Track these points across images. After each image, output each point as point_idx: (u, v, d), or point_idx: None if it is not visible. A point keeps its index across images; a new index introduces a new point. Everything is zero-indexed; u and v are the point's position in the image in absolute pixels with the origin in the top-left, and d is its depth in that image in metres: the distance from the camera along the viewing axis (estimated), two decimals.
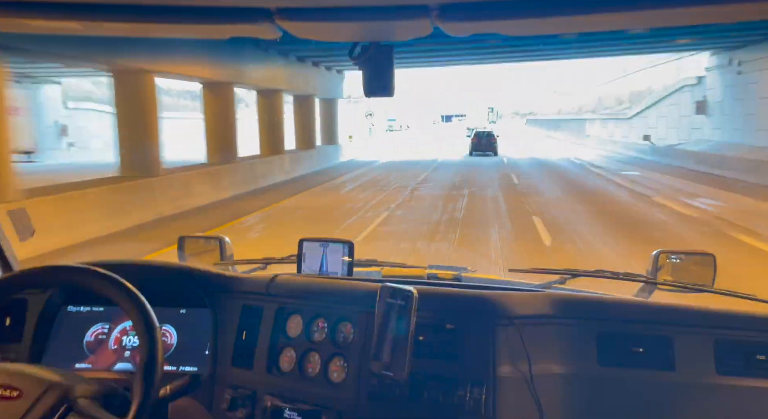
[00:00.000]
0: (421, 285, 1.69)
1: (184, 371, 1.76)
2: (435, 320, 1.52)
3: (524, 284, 1.93)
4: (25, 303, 1.82)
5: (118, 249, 8.87)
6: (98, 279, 1.31)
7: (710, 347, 1.48)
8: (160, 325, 1.27)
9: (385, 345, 1.40)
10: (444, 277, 2.00)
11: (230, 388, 1.67)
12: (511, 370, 1.45)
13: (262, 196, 15.51)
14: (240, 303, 1.77)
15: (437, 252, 8.61)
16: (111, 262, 1.79)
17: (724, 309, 1.54)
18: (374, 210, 12.60)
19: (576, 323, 1.54)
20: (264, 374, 1.66)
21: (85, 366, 1.76)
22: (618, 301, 1.61)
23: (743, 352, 1.46)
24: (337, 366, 1.60)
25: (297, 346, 1.67)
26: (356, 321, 1.61)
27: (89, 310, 1.84)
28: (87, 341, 1.80)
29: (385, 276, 1.89)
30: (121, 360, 1.78)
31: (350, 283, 1.73)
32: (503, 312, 1.50)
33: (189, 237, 2.31)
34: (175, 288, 1.82)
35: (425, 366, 1.47)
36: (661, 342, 1.50)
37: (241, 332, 1.74)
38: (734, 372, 1.45)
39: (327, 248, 1.94)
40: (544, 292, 1.68)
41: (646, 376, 1.47)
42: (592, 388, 1.48)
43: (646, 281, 1.92)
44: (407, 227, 10.58)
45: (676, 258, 1.97)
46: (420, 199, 14.52)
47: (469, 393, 1.41)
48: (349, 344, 1.60)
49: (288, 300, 1.73)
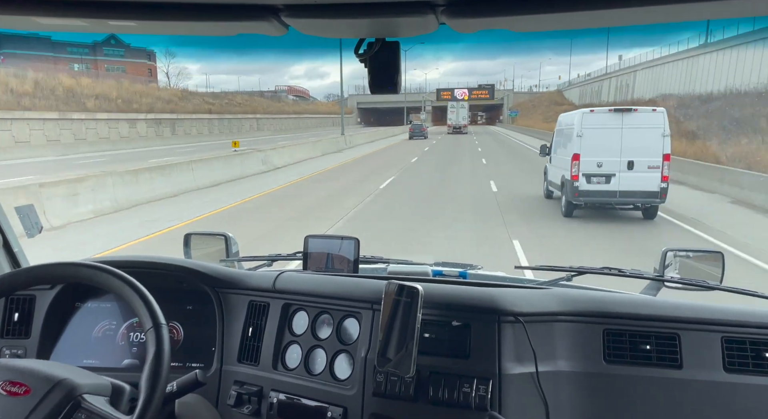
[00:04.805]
0: (427, 281, 1.69)
1: (190, 367, 1.76)
2: (441, 317, 1.52)
3: (530, 281, 1.93)
4: (33, 300, 1.83)
5: None
6: (105, 275, 1.31)
7: (718, 345, 1.47)
8: (167, 322, 1.28)
9: (391, 342, 1.40)
10: (449, 274, 1.99)
11: (236, 384, 1.68)
12: (517, 367, 1.45)
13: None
14: (246, 300, 1.78)
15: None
16: (118, 259, 1.80)
17: (732, 307, 1.53)
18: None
19: (582, 320, 1.53)
20: (270, 370, 1.67)
21: (92, 362, 1.77)
22: (625, 299, 1.60)
23: (751, 350, 1.45)
24: (342, 363, 1.60)
25: (303, 343, 1.67)
26: (362, 317, 1.61)
27: (97, 306, 1.85)
28: (94, 337, 1.81)
29: (390, 273, 1.89)
30: (129, 356, 1.78)
31: (356, 280, 1.73)
32: (509, 309, 1.49)
33: (195, 233, 2.32)
34: (182, 284, 1.82)
35: (431, 363, 1.47)
36: (668, 339, 1.49)
37: (247, 328, 1.74)
38: (742, 370, 1.44)
39: (332, 245, 1.94)
40: (551, 289, 1.67)
41: (653, 374, 1.46)
42: (598, 386, 1.47)
43: (653, 278, 1.91)
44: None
45: (684, 255, 1.96)
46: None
47: (475, 390, 1.41)
48: (355, 341, 1.60)
49: (294, 296, 1.73)
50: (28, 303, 1.83)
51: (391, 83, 1.32)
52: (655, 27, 17.15)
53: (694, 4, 0.94)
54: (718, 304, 1.57)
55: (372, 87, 1.34)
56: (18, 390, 1.15)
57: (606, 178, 10.88)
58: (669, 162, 10.64)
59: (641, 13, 0.99)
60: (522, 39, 18.96)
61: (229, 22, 1.08)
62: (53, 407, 1.14)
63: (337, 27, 1.14)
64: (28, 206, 2.18)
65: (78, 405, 1.16)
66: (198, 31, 1.17)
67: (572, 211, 11.52)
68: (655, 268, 1.97)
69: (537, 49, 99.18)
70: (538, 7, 0.97)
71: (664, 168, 10.59)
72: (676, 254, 1.96)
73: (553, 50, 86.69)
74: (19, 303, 1.83)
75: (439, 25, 1.10)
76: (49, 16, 1.07)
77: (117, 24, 1.12)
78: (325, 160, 26.93)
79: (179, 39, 5.74)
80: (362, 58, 1.28)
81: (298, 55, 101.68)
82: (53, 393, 1.15)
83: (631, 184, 10.72)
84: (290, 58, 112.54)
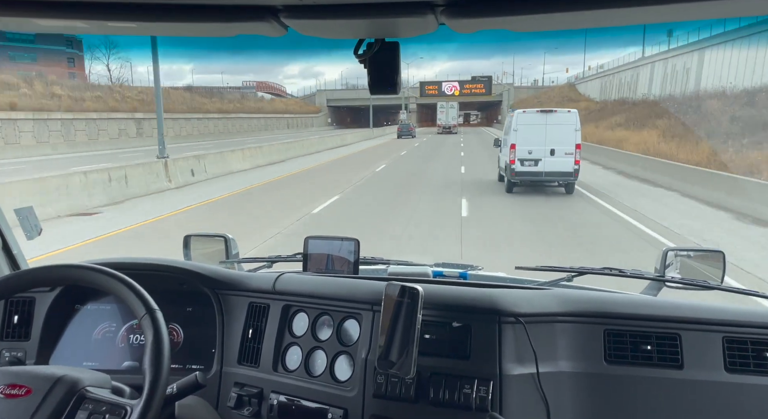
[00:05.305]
0: (427, 282, 1.69)
1: (190, 369, 1.76)
2: (441, 318, 1.52)
3: (531, 281, 1.92)
4: (33, 302, 1.83)
5: None
6: (102, 276, 1.31)
7: (719, 345, 1.46)
8: (167, 323, 1.28)
9: (392, 343, 1.40)
10: (450, 275, 1.99)
11: (237, 386, 1.67)
12: (518, 368, 1.45)
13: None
14: (246, 302, 1.77)
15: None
16: (118, 261, 1.80)
17: (733, 307, 1.52)
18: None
19: (583, 321, 1.53)
20: (270, 372, 1.66)
21: (92, 364, 1.77)
22: (625, 299, 1.60)
23: (752, 350, 1.45)
24: (343, 364, 1.60)
25: (303, 344, 1.67)
26: (362, 319, 1.61)
27: (96, 308, 1.85)
28: (94, 339, 1.81)
29: (390, 274, 1.89)
30: (129, 358, 1.78)
31: (356, 281, 1.73)
32: (510, 309, 1.49)
33: (194, 235, 2.32)
34: (182, 286, 1.82)
35: (431, 364, 1.47)
36: (669, 339, 1.49)
37: (248, 330, 1.74)
38: (743, 370, 1.44)
39: (333, 246, 1.93)
40: (551, 290, 1.67)
41: (653, 374, 1.46)
42: (599, 386, 1.47)
43: (654, 278, 1.90)
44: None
45: (685, 255, 1.96)
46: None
47: (475, 391, 1.41)
48: (355, 342, 1.60)
49: (294, 298, 1.72)
50: (28, 306, 1.83)
51: (390, 84, 1.31)
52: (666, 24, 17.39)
53: (694, 5, 0.93)
54: (719, 304, 1.57)
55: (372, 88, 1.34)
56: (18, 392, 1.15)
57: (535, 162, 14.41)
58: (579, 150, 14.34)
59: (642, 14, 0.99)
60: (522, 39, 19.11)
61: (228, 23, 1.08)
62: (57, 403, 1.14)
63: (336, 28, 1.14)
64: (28, 208, 2.17)
65: (83, 397, 1.17)
66: (197, 32, 1.17)
67: (512, 188, 15.12)
68: (656, 268, 1.96)
69: (537, 49, 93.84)
70: (538, 7, 0.97)
71: (576, 154, 14.24)
72: (676, 254, 1.96)
73: (553, 50, 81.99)
74: (18, 306, 1.83)
75: (439, 25, 1.10)
76: (48, 18, 1.07)
77: (116, 25, 1.12)
78: (270, 170, 22.14)
79: (169, 38, 5.46)
80: (362, 58, 1.27)
81: (295, 56, 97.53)
82: (55, 390, 1.16)
83: (553, 166, 14.34)
84: (286, 58, 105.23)
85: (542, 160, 14.31)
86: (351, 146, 40.07)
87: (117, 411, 1.16)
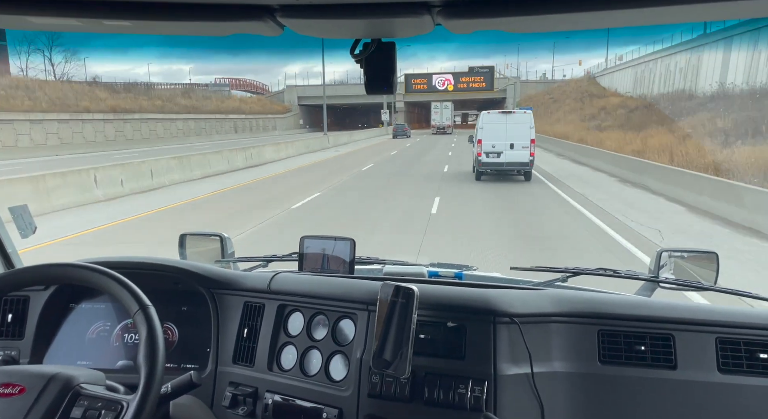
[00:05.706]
0: (423, 282, 1.69)
1: (185, 368, 1.76)
2: (436, 318, 1.52)
3: (526, 282, 1.93)
4: (27, 300, 1.82)
5: None
6: (96, 275, 1.31)
7: (712, 345, 1.47)
8: (162, 322, 1.28)
9: (387, 343, 1.40)
10: (445, 275, 1.99)
11: (231, 386, 1.67)
12: (513, 368, 1.45)
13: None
14: (241, 301, 1.77)
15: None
16: (113, 260, 1.80)
17: (727, 308, 1.53)
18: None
19: (577, 321, 1.53)
20: (265, 371, 1.66)
21: (86, 363, 1.76)
22: (619, 299, 1.61)
23: (745, 351, 1.46)
24: (338, 364, 1.60)
25: (298, 344, 1.67)
26: (357, 318, 1.61)
27: (91, 307, 1.84)
28: (89, 338, 1.80)
29: (386, 274, 1.89)
30: (123, 357, 1.78)
31: (351, 281, 1.73)
32: (505, 310, 1.49)
33: (190, 234, 2.31)
34: (177, 285, 1.82)
35: (426, 364, 1.47)
36: (662, 340, 1.49)
37: (243, 329, 1.74)
38: (736, 370, 1.45)
39: (328, 246, 1.93)
40: (546, 290, 1.67)
41: (647, 375, 1.47)
42: (593, 386, 1.47)
43: (648, 279, 1.91)
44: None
45: (679, 256, 1.97)
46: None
47: (470, 391, 1.41)
48: (350, 342, 1.60)
49: (289, 297, 1.72)
50: (22, 304, 1.82)
51: (386, 84, 1.32)
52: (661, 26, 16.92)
53: (694, 5, 0.93)
54: (712, 305, 1.57)
55: (368, 88, 1.34)
56: (12, 391, 1.14)
57: (497, 154, 17.78)
58: (534, 143, 17.75)
59: (642, 14, 0.99)
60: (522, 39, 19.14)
61: (224, 23, 1.08)
62: (52, 401, 1.14)
63: (332, 27, 1.13)
64: (22, 206, 2.16)
65: (78, 394, 1.17)
66: (193, 31, 1.17)
67: (480, 176, 18.51)
68: (650, 269, 1.97)
69: (542, 44, 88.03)
70: (534, 9, 0.97)
71: (531, 148, 17.60)
72: (670, 255, 1.97)
73: (563, 41, 74.70)
74: (13, 304, 1.82)
75: (435, 25, 1.10)
76: (42, 16, 1.07)
77: (111, 24, 1.11)
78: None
79: (167, 37, 5.09)
80: (358, 58, 1.27)
81: (292, 56, 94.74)
82: (49, 388, 1.15)
83: (512, 158, 17.65)
84: (284, 58, 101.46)
85: (504, 152, 17.62)
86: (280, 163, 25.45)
87: (113, 407, 1.16)
